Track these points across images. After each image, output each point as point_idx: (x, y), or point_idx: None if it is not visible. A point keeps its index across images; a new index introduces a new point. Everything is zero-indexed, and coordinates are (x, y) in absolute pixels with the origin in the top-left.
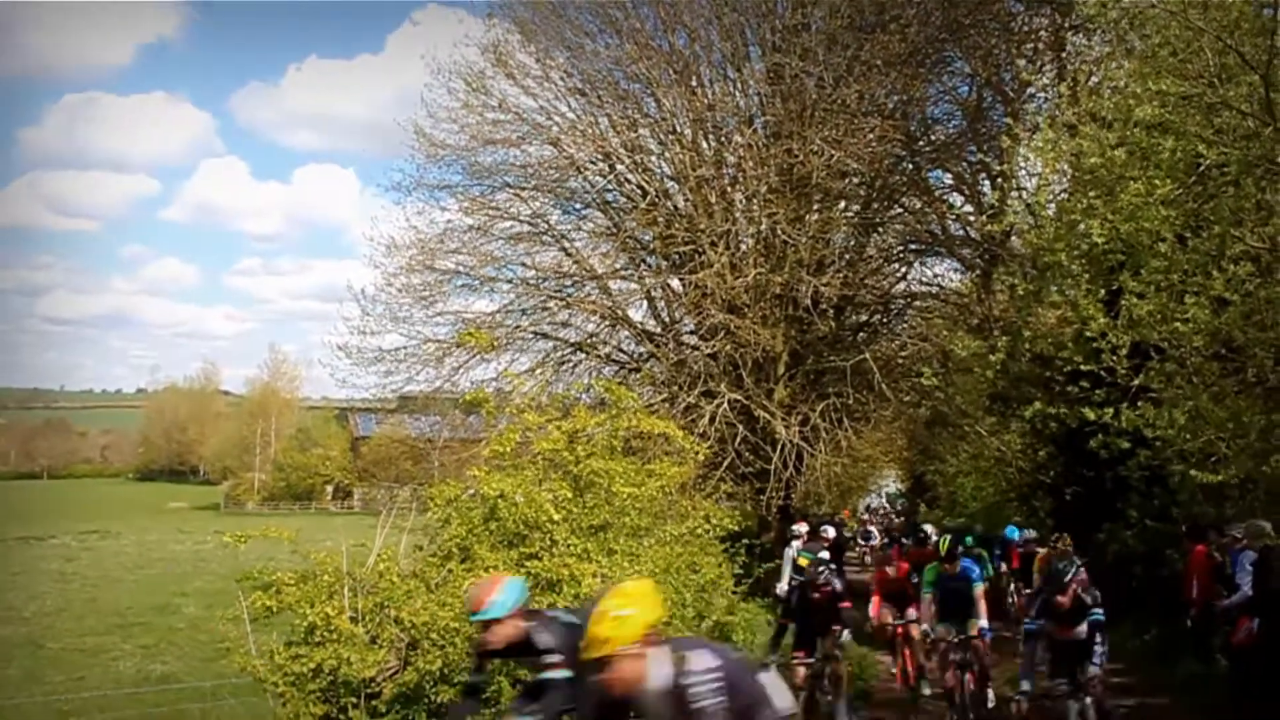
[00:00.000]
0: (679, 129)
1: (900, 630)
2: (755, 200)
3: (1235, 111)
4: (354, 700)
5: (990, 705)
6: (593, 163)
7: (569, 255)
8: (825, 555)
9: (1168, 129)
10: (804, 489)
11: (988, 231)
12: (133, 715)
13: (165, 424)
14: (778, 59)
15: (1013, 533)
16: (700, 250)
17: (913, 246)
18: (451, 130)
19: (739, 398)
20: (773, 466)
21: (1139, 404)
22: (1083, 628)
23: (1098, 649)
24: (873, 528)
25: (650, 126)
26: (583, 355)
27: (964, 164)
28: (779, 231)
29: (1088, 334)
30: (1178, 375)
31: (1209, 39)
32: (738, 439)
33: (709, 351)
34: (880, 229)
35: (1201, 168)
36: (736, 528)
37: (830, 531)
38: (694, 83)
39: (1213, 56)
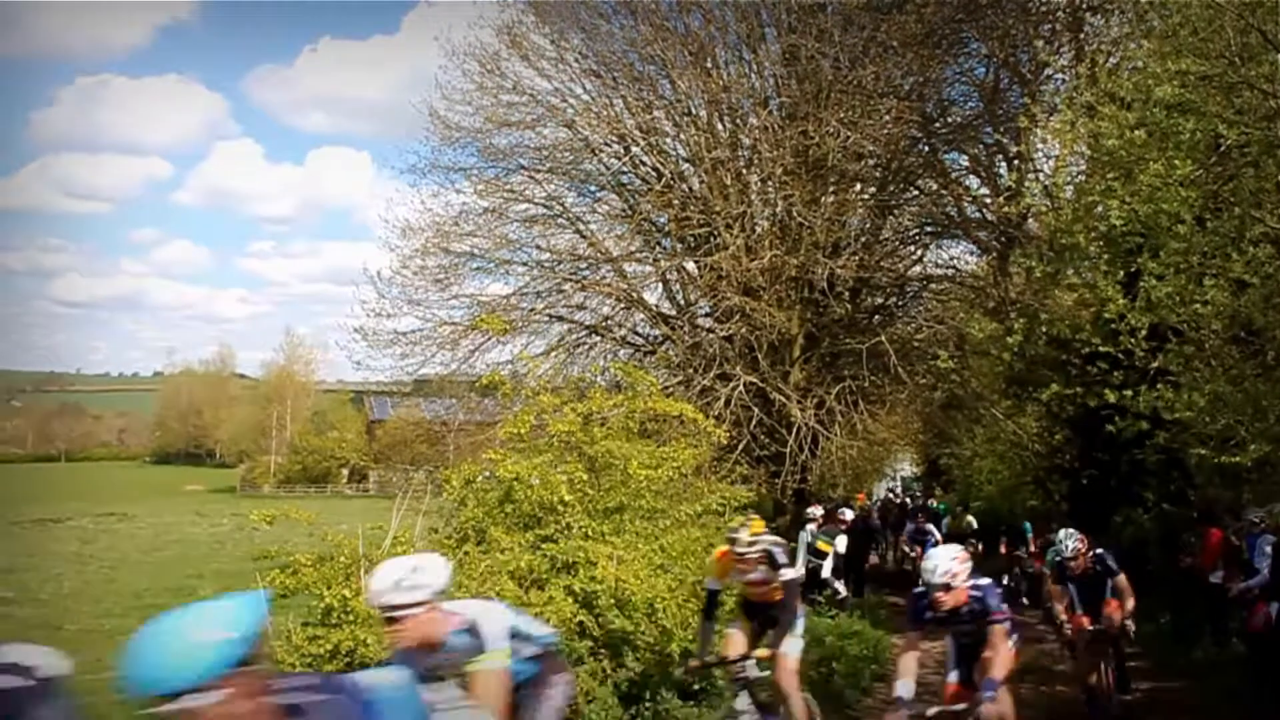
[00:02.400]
0: (694, 111)
1: None
2: (771, 182)
3: (1256, 91)
4: None
5: None
6: (607, 145)
7: (584, 238)
8: (843, 541)
9: (1187, 109)
10: (819, 472)
11: (1005, 213)
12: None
13: (181, 407)
14: (793, 40)
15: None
16: (716, 232)
17: (929, 229)
18: (466, 112)
19: (754, 380)
20: (788, 450)
21: (1157, 386)
22: None
23: None
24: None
25: (665, 108)
26: (598, 338)
27: (980, 146)
28: (795, 214)
29: (1106, 316)
30: (1196, 358)
31: (1230, 17)
32: (753, 422)
33: (724, 334)
34: (896, 211)
35: (1222, 148)
36: (752, 505)
37: (847, 514)
38: (709, 64)
39: (1234, 35)
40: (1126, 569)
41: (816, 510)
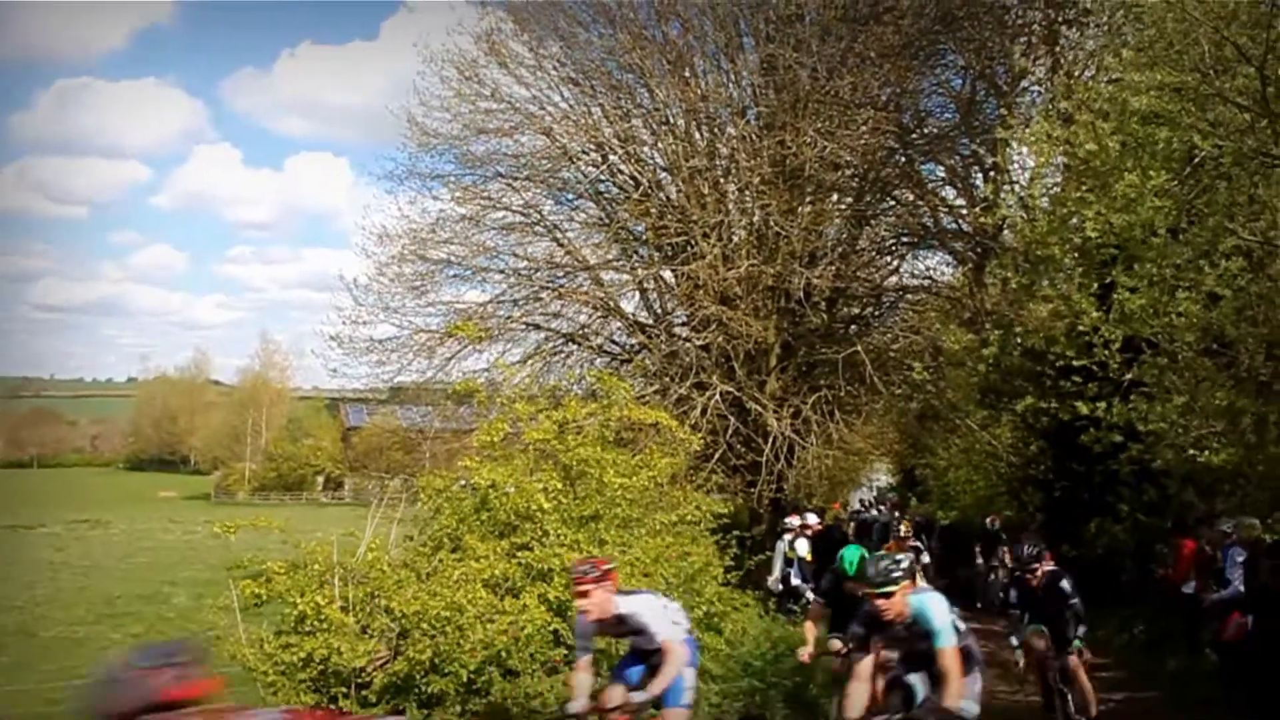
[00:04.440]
0: (672, 120)
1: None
2: (748, 192)
3: (1230, 104)
4: (344, 690)
5: None
6: (585, 153)
7: (561, 246)
8: (803, 545)
9: (1163, 120)
10: (795, 482)
11: (980, 225)
12: None
13: (156, 413)
14: (771, 50)
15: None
16: (693, 241)
17: (905, 239)
18: (444, 119)
19: (731, 390)
20: (764, 459)
21: (1131, 398)
22: None
23: None
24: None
25: (643, 117)
26: (574, 346)
27: (957, 157)
28: (771, 223)
29: (1080, 328)
30: (1170, 369)
31: (1206, 30)
32: (729, 431)
33: (701, 343)
34: (873, 221)
35: (1196, 159)
36: (727, 516)
37: (811, 519)
38: (687, 73)
39: (1209, 48)
40: (1100, 580)
41: (794, 520)
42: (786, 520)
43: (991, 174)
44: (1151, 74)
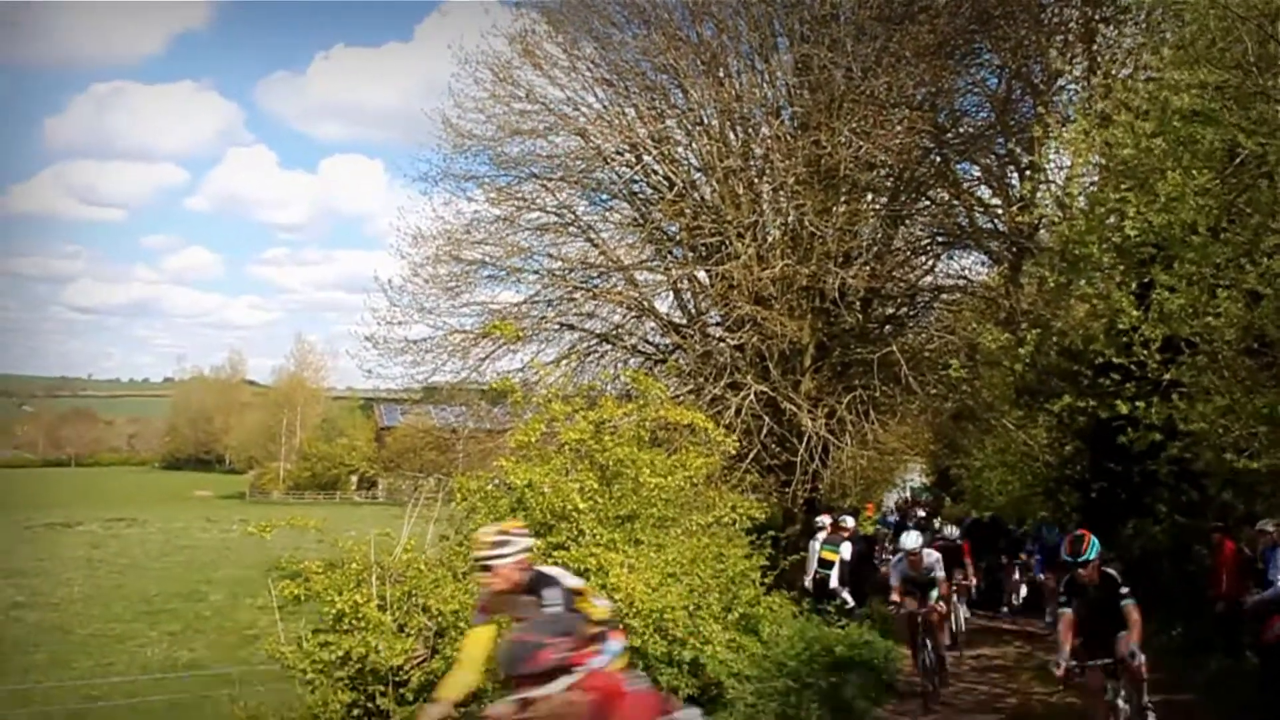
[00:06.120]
0: (706, 120)
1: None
2: (782, 192)
3: (1274, 102)
4: (382, 688)
5: None
6: (619, 153)
7: (595, 246)
8: (848, 548)
9: (1206, 118)
10: (830, 482)
11: (1017, 224)
12: (159, 701)
13: (191, 413)
14: (806, 50)
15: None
16: (727, 241)
17: (940, 239)
18: (478, 120)
19: (765, 390)
20: (798, 459)
21: (1171, 398)
22: None
23: None
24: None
25: (677, 117)
26: (608, 346)
27: (993, 156)
28: (806, 223)
29: (1119, 327)
30: (1209, 369)
31: (1250, 27)
32: (764, 431)
33: (735, 343)
34: (908, 221)
35: (1240, 158)
36: (763, 517)
37: (849, 521)
38: (722, 73)
39: (1252, 46)
40: (1138, 580)
41: (826, 519)
42: (819, 519)
43: (1028, 173)
44: (1193, 72)
